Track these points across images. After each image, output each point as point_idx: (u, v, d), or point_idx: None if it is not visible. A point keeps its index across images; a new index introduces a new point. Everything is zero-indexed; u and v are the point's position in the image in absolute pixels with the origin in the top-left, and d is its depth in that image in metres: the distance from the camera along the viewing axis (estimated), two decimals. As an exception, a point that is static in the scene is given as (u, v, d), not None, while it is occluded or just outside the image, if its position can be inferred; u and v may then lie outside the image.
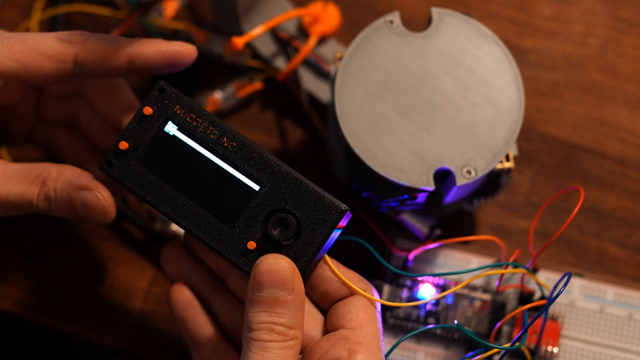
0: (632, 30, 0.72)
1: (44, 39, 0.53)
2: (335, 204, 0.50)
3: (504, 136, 0.58)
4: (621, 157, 0.68)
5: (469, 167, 0.57)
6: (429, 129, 0.57)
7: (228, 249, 0.50)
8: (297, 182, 0.51)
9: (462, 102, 0.58)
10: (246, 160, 0.51)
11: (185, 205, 0.51)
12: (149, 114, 0.52)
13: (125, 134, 0.52)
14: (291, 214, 0.50)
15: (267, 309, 0.48)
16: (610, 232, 0.66)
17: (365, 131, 0.57)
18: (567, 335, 0.62)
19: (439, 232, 0.63)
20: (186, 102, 0.52)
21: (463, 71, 0.59)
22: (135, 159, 0.51)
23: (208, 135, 0.51)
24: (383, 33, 0.60)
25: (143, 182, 0.51)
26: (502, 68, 0.59)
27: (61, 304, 0.65)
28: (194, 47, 0.54)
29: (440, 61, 0.59)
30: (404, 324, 0.62)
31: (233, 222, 0.51)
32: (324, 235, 0.50)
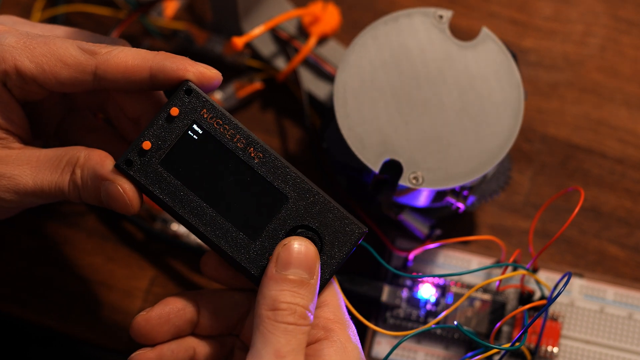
0: (632, 30, 0.72)
1: (66, 47, 0.51)
2: (356, 224, 0.50)
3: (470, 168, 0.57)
4: (621, 157, 0.68)
5: (417, 174, 0.57)
6: (409, 123, 0.57)
7: (250, 262, 0.49)
8: (321, 198, 0.50)
9: (452, 120, 0.58)
10: (272, 173, 0.50)
11: (207, 213, 0.49)
12: (175, 114, 0.49)
13: (148, 132, 0.49)
14: (313, 231, 0.50)
15: (291, 287, 0.48)
16: (610, 232, 0.66)
17: (354, 91, 0.58)
18: (567, 335, 0.62)
19: (439, 232, 0.63)
20: (214, 106, 0.50)
21: (472, 95, 0.58)
22: (157, 160, 0.49)
23: (235, 143, 0.50)
24: (425, 20, 0.59)
25: (162, 185, 0.49)
26: (508, 108, 0.58)
27: (61, 304, 0.65)
28: (218, 73, 0.52)
29: (459, 75, 0.58)
30: (404, 324, 0.62)
31: (256, 235, 0.49)
32: (343, 253, 0.50)
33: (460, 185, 0.57)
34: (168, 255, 0.66)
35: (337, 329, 0.50)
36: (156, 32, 0.70)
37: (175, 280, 0.65)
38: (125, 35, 0.71)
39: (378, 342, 0.62)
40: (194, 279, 0.65)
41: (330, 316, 0.50)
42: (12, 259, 0.66)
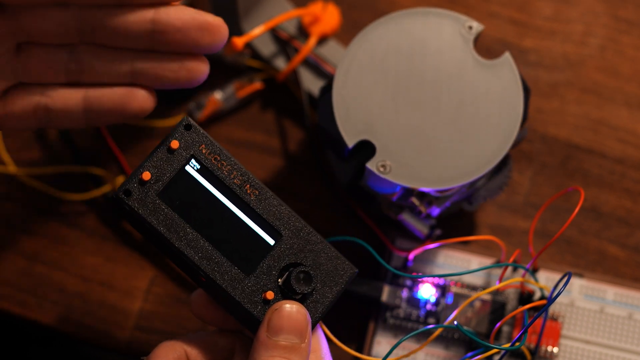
0: (632, 30, 0.72)
1: None
2: (348, 264, 0.51)
3: (441, 177, 0.57)
4: (621, 157, 0.68)
5: (385, 163, 0.57)
6: (398, 114, 0.57)
7: (244, 297, 0.49)
8: (314, 237, 0.51)
9: (441, 127, 0.57)
10: (267, 210, 0.50)
11: (203, 247, 0.49)
12: (176, 147, 0.50)
13: (147, 164, 0.49)
14: (307, 268, 0.50)
15: (282, 354, 0.47)
16: (610, 232, 0.66)
17: (360, 65, 0.58)
18: (567, 335, 0.62)
19: (439, 232, 0.63)
20: (212, 142, 0.50)
21: (469, 111, 0.58)
22: (155, 192, 0.49)
23: (232, 180, 0.50)
24: (454, 25, 0.59)
25: (160, 217, 0.49)
26: (499, 135, 0.58)
27: (61, 304, 0.65)
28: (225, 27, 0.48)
29: (465, 88, 0.58)
30: (404, 324, 0.62)
31: (250, 270, 0.50)
32: (335, 293, 0.50)
33: (426, 189, 0.57)
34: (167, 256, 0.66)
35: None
36: (156, 32, 0.70)
37: (175, 281, 0.65)
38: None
39: (378, 342, 0.62)
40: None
41: None
42: (12, 259, 0.66)
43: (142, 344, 0.64)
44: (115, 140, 0.67)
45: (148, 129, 0.69)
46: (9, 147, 0.68)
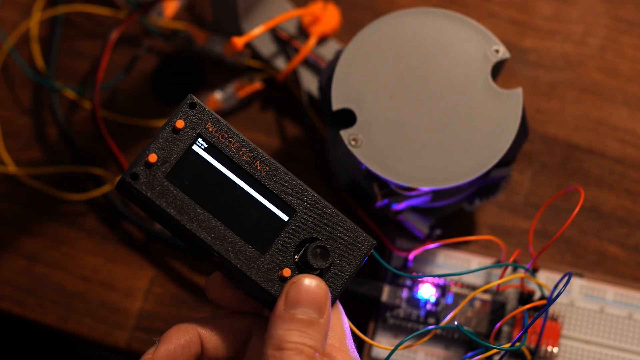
0: (632, 30, 0.72)
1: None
2: (365, 237, 0.49)
3: (408, 174, 0.57)
4: (621, 157, 0.68)
5: (358, 137, 0.57)
6: (392, 100, 0.58)
7: (261, 276, 0.48)
8: (329, 211, 0.49)
9: (427, 127, 0.57)
10: (279, 186, 0.49)
11: (215, 227, 0.48)
12: (181, 127, 0.49)
13: (153, 145, 0.48)
14: (323, 243, 0.49)
15: (299, 327, 0.46)
16: (610, 232, 0.66)
17: (372, 45, 0.59)
18: (567, 335, 0.62)
19: (439, 232, 0.63)
20: (218, 120, 0.49)
21: (460, 124, 0.58)
22: (163, 173, 0.48)
23: (241, 157, 0.49)
24: (482, 42, 0.59)
25: (169, 198, 0.48)
26: (480, 159, 0.58)
27: (61, 304, 0.65)
28: None
29: (464, 103, 0.58)
30: (404, 324, 0.62)
31: (265, 248, 0.48)
32: (353, 266, 0.49)
33: (386, 179, 0.57)
34: (168, 255, 0.66)
35: (341, 358, 0.48)
36: (156, 32, 0.70)
37: (175, 281, 0.65)
38: (125, 35, 0.71)
39: (378, 342, 0.62)
40: (194, 279, 0.65)
41: (334, 343, 0.49)
42: (12, 259, 0.66)
43: (142, 344, 0.64)
44: (115, 140, 0.67)
45: (148, 129, 0.69)
46: (9, 147, 0.68)
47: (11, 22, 0.72)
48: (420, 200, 0.60)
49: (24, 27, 0.71)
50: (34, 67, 0.71)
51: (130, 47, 0.71)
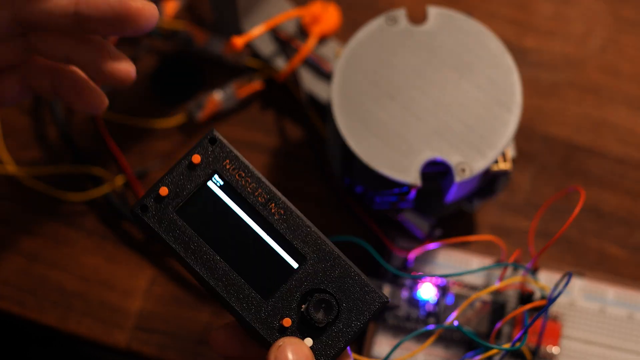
0: (633, 30, 0.72)
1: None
2: (377, 293, 0.48)
3: (501, 134, 0.58)
4: (621, 157, 0.68)
5: (463, 165, 0.57)
6: (422, 120, 0.58)
7: (260, 323, 0.47)
8: (342, 263, 0.48)
9: (459, 98, 0.58)
10: (292, 232, 0.48)
11: (220, 267, 0.47)
12: (197, 162, 0.48)
13: (167, 179, 0.48)
14: (331, 295, 0.47)
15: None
16: (611, 232, 0.66)
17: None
18: (567, 336, 0.62)
19: (439, 232, 0.63)
20: (237, 158, 0.48)
21: (460, 70, 0.59)
22: (173, 208, 0.47)
23: (256, 198, 0.48)
24: (384, 29, 0.60)
25: (177, 233, 0.47)
26: (501, 66, 0.59)
27: (61, 304, 0.65)
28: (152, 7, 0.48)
29: (440, 59, 0.59)
30: (404, 325, 0.62)
31: (269, 294, 0.47)
32: (362, 323, 0.47)
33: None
34: (168, 255, 0.66)
35: None
36: (156, 32, 0.70)
37: (175, 281, 0.65)
38: (125, 35, 0.71)
39: (378, 342, 0.62)
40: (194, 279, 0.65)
41: None
42: (12, 259, 0.66)
43: (142, 344, 0.64)
44: (115, 140, 0.67)
45: (148, 129, 0.69)
46: (9, 147, 0.68)
47: (11, 22, 0.72)
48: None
49: (24, 27, 0.71)
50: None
51: (130, 47, 0.71)
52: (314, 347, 0.47)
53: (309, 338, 0.47)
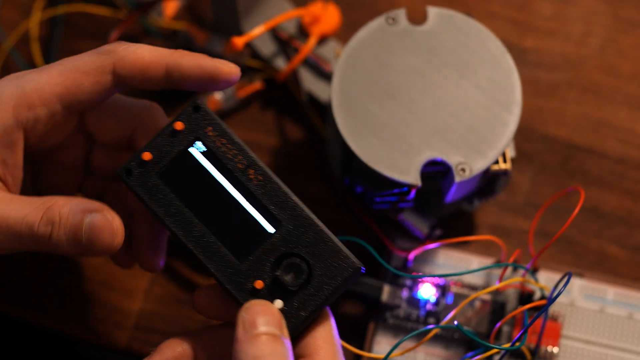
0: (633, 30, 0.72)
1: (80, 56, 0.51)
2: (350, 260, 0.49)
3: (501, 134, 0.58)
4: (621, 157, 0.68)
5: (463, 165, 0.57)
6: (421, 120, 0.58)
7: (233, 284, 0.49)
8: (317, 228, 0.49)
9: (459, 98, 0.58)
10: (269, 197, 0.49)
11: (197, 230, 0.49)
12: (180, 129, 0.50)
13: (150, 145, 0.50)
14: (304, 260, 0.49)
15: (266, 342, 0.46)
16: (611, 232, 0.66)
17: (361, 126, 0.58)
18: (567, 335, 0.62)
19: (439, 232, 0.63)
20: (220, 125, 0.50)
21: (460, 70, 0.59)
22: (156, 172, 0.50)
23: (235, 164, 0.50)
24: (384, 29, 0.60)
25: (158, 197, 0.49)
26: (500, 66, 0.59)
27: (61, 304, 0.65)
28: (237, 68, 0.51)
29: (439, 59, 0.59)
30: (403, 324, 0.62)
31: (244, 256, 0.49)
32: (333, 288, 0.48)
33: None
34: (168, 255, 0.66)
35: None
36: (156, 32, 0.70)
37: (175, 281, 0.65)
38: (125, 36, 0.71)
39: (378, 342, 0.62)
40: (194, 279, 0.65)
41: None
42: (12, 259, 0.66)
43: (142, 344, 0.64)
44: (115, 140, 0.67)
45: (148, 129, 0.69)
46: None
47: (11, 22, 0.72)
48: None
49: (24, 27, 0.71)
50: (34, 67, 0.71)
51: (130, 47, 0.71)
52: (285, 309, 0.48)
53: (279, 300, 0.48)
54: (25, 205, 0.50)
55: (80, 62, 0.51)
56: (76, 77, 0.51)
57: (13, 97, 0.50)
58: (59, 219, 0.49)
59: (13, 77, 0.51)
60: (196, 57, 0.51)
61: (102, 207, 0.49)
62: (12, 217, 0.49)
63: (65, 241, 0.49)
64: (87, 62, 0.51)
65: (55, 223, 0.49)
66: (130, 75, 0.50)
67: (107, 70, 0.51)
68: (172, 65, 0.50)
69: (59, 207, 0.49)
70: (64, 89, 0.50)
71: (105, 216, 0.49)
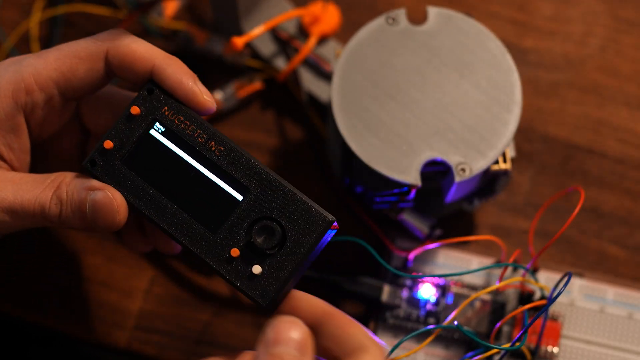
0: (632, 30, 0.72)
1: (78, 42, 0.52)
2: (322, 214, 0.49)
3: (501, 134, 0.58)
4: (621, 157, 0.68)
5: (463, 165, 0.57)
6: (421, 120, 0.58)
7: (210, 255, 0.49)
8: (284, 190, 0.50)
9: (459, 98, 0.58)
10: (233, 166, 0.50)
11: (168, 209, 0.50)
12: (137, 113, 0.51)
13: (111, 133, 0.51)
14: (277, 222, 0.49)
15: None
16: (611, 232, 0.66)
17: (361, 126, 0.58)
18: (567, 335, 0.62)
19: (439, 232, 0.63)
20: (175, 104, 0.51)
21: (460, 70, 0.59)
22: (119, 159, 0.50)
23: (196, 139, 0.50)
24: (384, 29, 0.60)
25: (126, 183, 0.50)
26: (500, 66, 0.59)
27: (61, 304, 0.65)
28: (213, 104, 0.52)
29: (439, 59, 0.59)
30: (404, 324, 0.62)
31: (216, 228, 0.49)
32: (309, 245, 0.49)
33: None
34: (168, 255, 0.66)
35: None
36: (156, 32, 0.70)
37: (175, 281, 0.65)
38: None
39: (378, 342, 0.62)
40: (194, 279, 0.65)
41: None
42: (12, 259, 0.66)
43: (142, 344, 0.64)
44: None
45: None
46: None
47: (11, 21, 0.72)
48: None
49: (24, 27, 0.71)
50: (34, 67, 0.71)
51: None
52: (263, 272, 0.49)
53: (257, 265, 0.49)
54: (37, 184, 0.51)
55: (77, 47, 0.51)
56: (72, 63, 0.51)
57: (11, 82, 0.51)
58: (65, 196, 0.50)
59: (11, 62, 0.52)
60: (181, 73, 0.51)
61: (103, 185, 0.50)
62: (25, 197, 0.50)
63: (72, 218, 0.50)
64: (83, 48, 0.51)
65: (63, 201, 0.50)
66: (120, 65, 0.51)
67: (100, 57, 0.51)
68: (158, 68, 0.51)
69: (66, 185, 0.50)
70: (60, 74, 0.51)
71: (107, 194, 0.50)
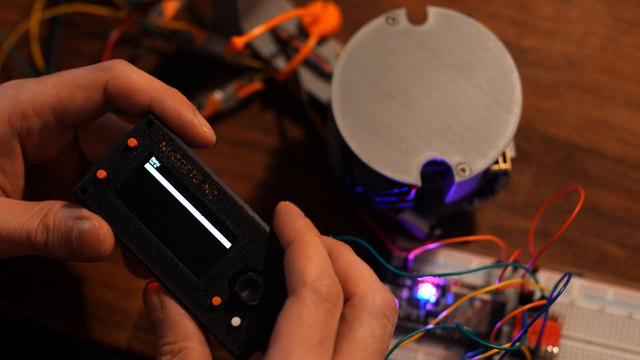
0: (632, 31, 0.72)
1: (78, 70, 0.51)
2: None
3: (501, 134, 0.58)
4: (621, 157, 0.68)
5: (463, 165, 0.57)
6: (421, 120, 0.58)
7: (192, 300, 0.48)
8: (272, 242, 0.49)
9: (459, 98, 0.58)
10: (225, 212, 0.49)
11: (155, 246, 0.49)
12: (133, 145, 0.49)
13: (105, 162, 0.49)
14: (262, 275, 0.49)
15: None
16: (610, 232, 0.66)
17: (361, 126, 0.58)
18: (567, 335, 0.62)
19: (439, 232, 0.63)
20: (173, 140, 0.50)
21: (460, 70, 0.59)
22: (111, 190, 0.49)
23: (190, 179, 0.49)
24: (384, 29, 0.60)
25: (114, 215, 0.49)
26: (500, 66, 0.59)
27: (61, 304, 0.65)
28: (213, 136, 0.51)
29: (439, 59, 0.59)
30: (403, 324, 0.62)
31: (201, 273, 0.49)
32: None
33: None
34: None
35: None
36: (156, 32, 0.70)
37: (175, 280, 0.65)
38: (125, 35, 0.71)
39: (378, 342, 0.62)
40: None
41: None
42: (12, 259, 0.66)
43: (142, 344, 0.64)
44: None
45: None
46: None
47: (11, 22, 0.72)
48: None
49: (24, 27, 0.71)
50: (34, 67, 0.71)
51: (130, 47, 0.71)
52: (242, 324, 0.48)
53: (236, 317, 0.48)
54: (25, 211, 0.50)
55: (77, 75, 0.51)
56: (70, 90, 0.51)
57: (9, 105, 0.51)
58: (52, 225, 0.50)
59: (10, 86, 0.52)
60: (181, 105, 0.50)
61: (91, 215, 0.49)
62: (12, 224, 0.50)
63: (59, 247, 0.50)
64: (82, 76, 0.51)
65: (49, 229, 0.50)
66: (118, 95, 0.50)
67: (99, 87, 0.51)
68: (157, 99, 0.50)
69: (54, 214, 0.50)
70: (57, 101, 0.51)
71: (94, 223, 0.49)
